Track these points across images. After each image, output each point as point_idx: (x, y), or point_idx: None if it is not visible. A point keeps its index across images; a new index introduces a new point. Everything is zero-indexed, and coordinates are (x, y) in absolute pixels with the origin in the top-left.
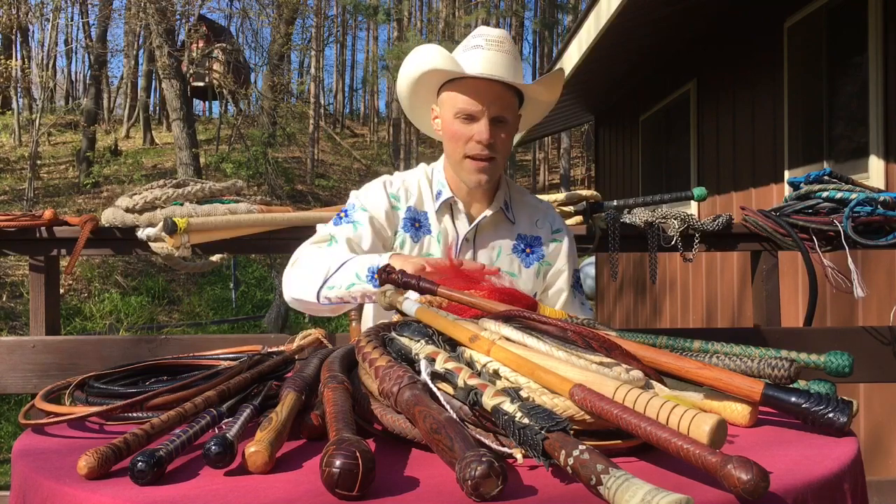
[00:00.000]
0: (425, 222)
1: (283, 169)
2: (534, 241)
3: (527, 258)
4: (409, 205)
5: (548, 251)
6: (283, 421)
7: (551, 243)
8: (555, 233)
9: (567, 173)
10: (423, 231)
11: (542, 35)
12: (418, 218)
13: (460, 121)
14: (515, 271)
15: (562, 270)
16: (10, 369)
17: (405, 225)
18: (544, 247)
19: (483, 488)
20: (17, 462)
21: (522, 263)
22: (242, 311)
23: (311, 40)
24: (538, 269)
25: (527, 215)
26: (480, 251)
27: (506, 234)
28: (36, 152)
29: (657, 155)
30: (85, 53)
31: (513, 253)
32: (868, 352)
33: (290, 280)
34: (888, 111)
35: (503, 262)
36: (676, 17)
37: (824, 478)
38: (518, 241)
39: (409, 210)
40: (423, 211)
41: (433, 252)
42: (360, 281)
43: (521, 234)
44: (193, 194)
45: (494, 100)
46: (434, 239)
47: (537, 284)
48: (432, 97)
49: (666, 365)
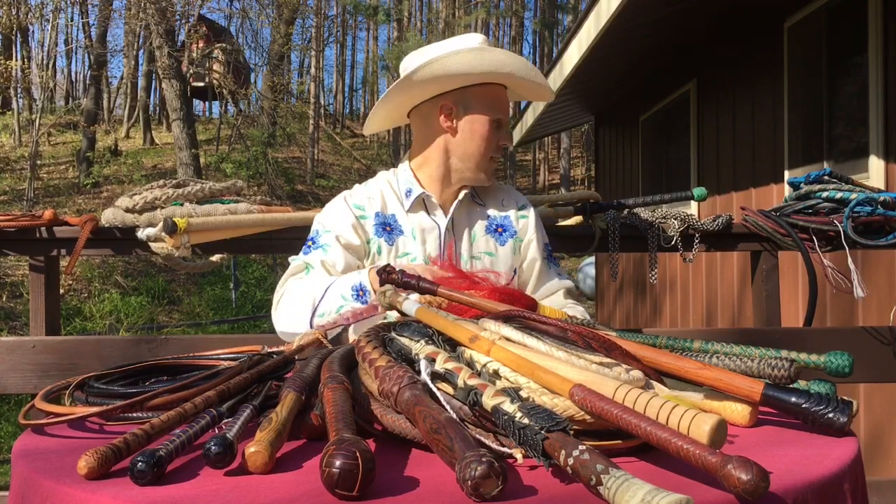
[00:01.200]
0: (395, 224)
1: (283, 169)
2: (504, 220)
3: (500, 237)
4: (376, 210)
5: (518, 227)
6: (283, 421)
7: (520, 220)
8: (520, 209)
9: (567, 173)
10: (395, 233)
11: (542, 35)
12: (388, 222)
13: (489, 123)
14: (492, 250)
15: (531, 240)
16: (10, 369)
17: (377, 231)
18: (514, 224)
19: (483, 488)
20: (16, 462)
21: (497, 242)
22: (242, 312)
23: (311, 40)
24: (513, 245)
25: (493, 197)
26: (459, 237)
27: (477, 218)
28: (36, 152)
29: (657, 155)
30: (85, 53)
31: (487, 234)
32: (868, 352)
33: (280, 319)
34: (888, 111)
35: (480, 245)
36: (676, 17)
37: (824, 478)
38: (489, 221)
39: (378, 216)
40: (390, 214)
41: (410, 251)
42: (348, 301)
43: (491, 216)
44: (193, 194)
45: (507, 103)
46: (409, 238)
47: (515, 260)
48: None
49: (666, 365)
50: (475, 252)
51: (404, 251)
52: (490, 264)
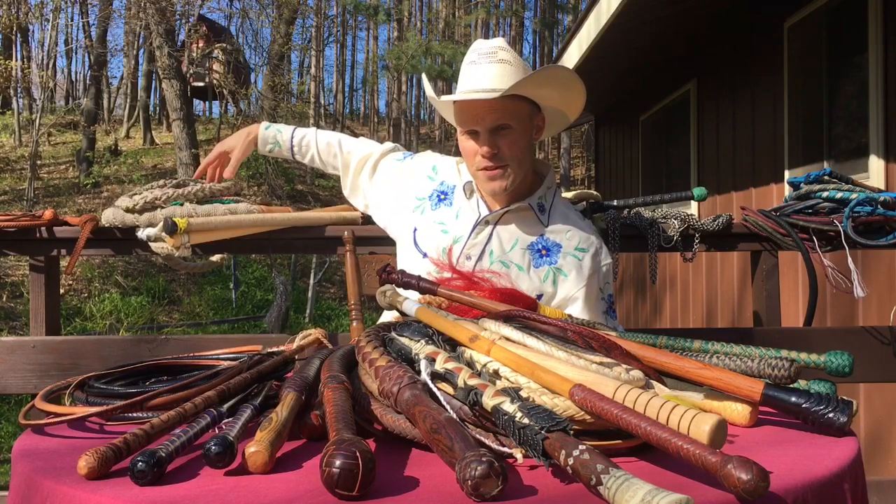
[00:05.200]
0: (450, 196)
1: (283, 169)
2: (553, 247)
3: (539, 259)
4: (443, 180)
5: (563, 262)
6: (283, 421)
7: (569, 256)
8: (577, 250)
9: (567, 173)
10: (446, 202)
11: (542, 35)
12: (446, 192)
13: (466, 137)
14: (524, 266)
15: (574, 297)
16: (10, 369)
17: (431, 195)
18: (560, 257)
19: (483, 488)
20: (17, 462)
21: (532, 262)
22: (242, 311)
23: (311, 40)
24: (549, 272)
25: (561, 223)
26: (498, 234)
27: (530, 231)
28: (36, 152)
29: (657, 155)
30: (85, 53)
31: (528, 249)
32: (868, 352)
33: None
34: (888, 111)
35: (515, 255)
36: (676, 17)
37: (824, 478)
38: (538, 240)
39: (442, 184)
40: (452, 186)
41: (446, 222)
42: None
43: (545, 237)
44: (193, 194)
45: (487, 112)
46: (453, 213)
47: (545, 287)
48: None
49: (666, 365)
50: (506, 258)
51: (442, 220)
52: (515, 277)
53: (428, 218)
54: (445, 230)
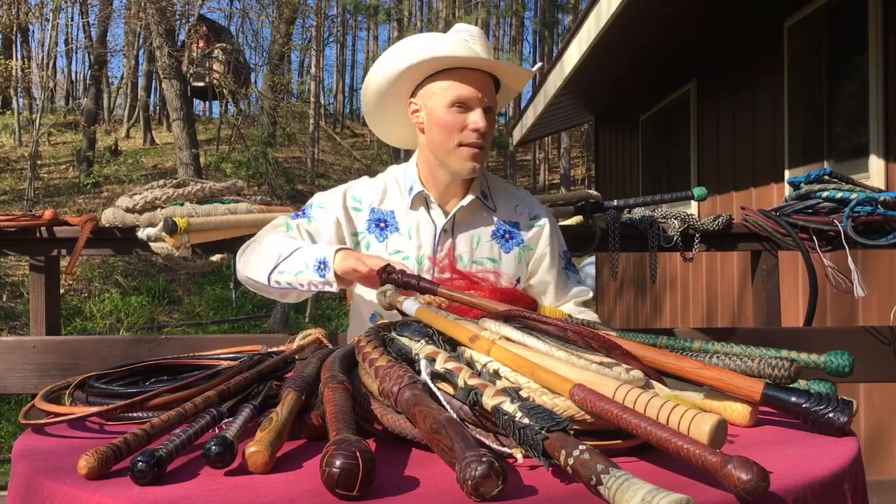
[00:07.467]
0: (392, 221)
1: (283, 169)
2: (513, 226)
3: (506, 244)
4: (372, 207)
5: (527, 236)
6: (283, 421)
7: (531, 228)
8: (533, 218)
9: (567, 173)
10: (389, 230)
11: (542, 35)
12: (383, 218)
13: (456, 110)
14: (496, 257)
15: (545, 254)
16: (10, 369)
17: (369, 227)
18: (523, 231)
19: (483, 488)
20: (17, 462)
21: (502, 249)
22: (242, 311)
23: (311, 40)
24: (519, 254)
25: (506, 202)
26: (460, 239)
27: (485, 222)
28: (36, 152)
29: (657, 155)
30: (85, 53)
31: (492, 239)
32: (868, 352)
33: (245, 259)
34: (888, 111)
35: (483, 250)
36: (676, 17)
37: (824, 478)
38: (498, 226)
39: (373, 212)
40: (389, 210)
41: (402, 249)
42: (308, 269)
43: (501, 220)
44: (193, 194)
45: (487, 89)
46: (404, 236)
47: (520, 270)
48: (406, 93)
49: (666, 365)
50: (476, 257)
51: (396, 248)
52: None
53: (380, 251)
54: (406, 256)
